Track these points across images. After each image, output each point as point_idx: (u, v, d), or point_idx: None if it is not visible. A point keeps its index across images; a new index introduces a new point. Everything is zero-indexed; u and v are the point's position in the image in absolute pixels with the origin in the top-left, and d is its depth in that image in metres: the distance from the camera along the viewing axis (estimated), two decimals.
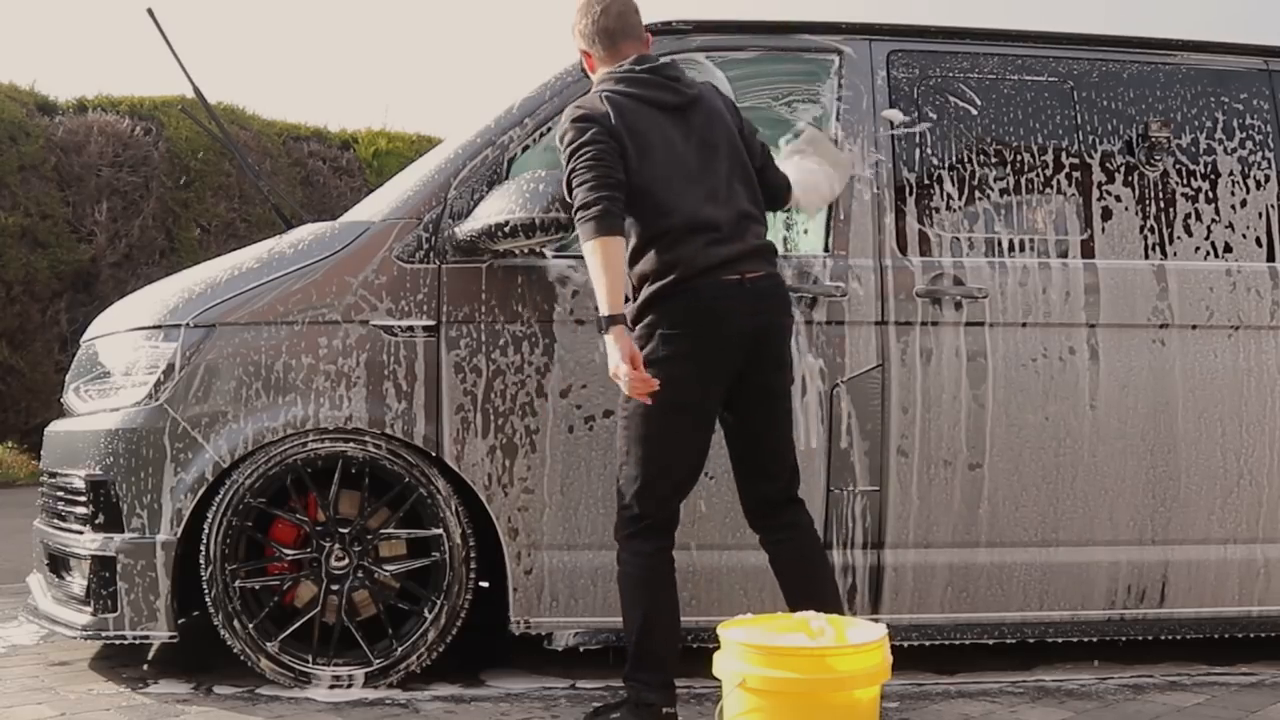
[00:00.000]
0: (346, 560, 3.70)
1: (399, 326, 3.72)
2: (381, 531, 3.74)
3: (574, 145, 3.18)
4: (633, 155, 3.19)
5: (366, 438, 3.69)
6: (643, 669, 3.22)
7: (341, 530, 3.70)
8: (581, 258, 3.74)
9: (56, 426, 4.05)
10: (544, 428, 3.74)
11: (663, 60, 3.40)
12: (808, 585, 3.31)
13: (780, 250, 3.87)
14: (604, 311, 3.11)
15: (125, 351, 3.81)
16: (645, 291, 3.21)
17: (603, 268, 3.11)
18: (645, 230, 3.22)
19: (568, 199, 3.21)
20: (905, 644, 3.78)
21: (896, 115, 3.96)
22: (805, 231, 3.97)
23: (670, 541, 3.29)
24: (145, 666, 3.94)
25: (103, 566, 3.66)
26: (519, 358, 3.74)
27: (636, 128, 3.21)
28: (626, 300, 3.18)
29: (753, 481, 3.39)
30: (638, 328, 3.21)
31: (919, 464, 3.84)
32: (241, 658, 3.68)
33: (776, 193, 3.52)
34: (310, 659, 3.67)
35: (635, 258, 3.23)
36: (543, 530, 3.74)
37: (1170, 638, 4.04)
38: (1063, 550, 3.91)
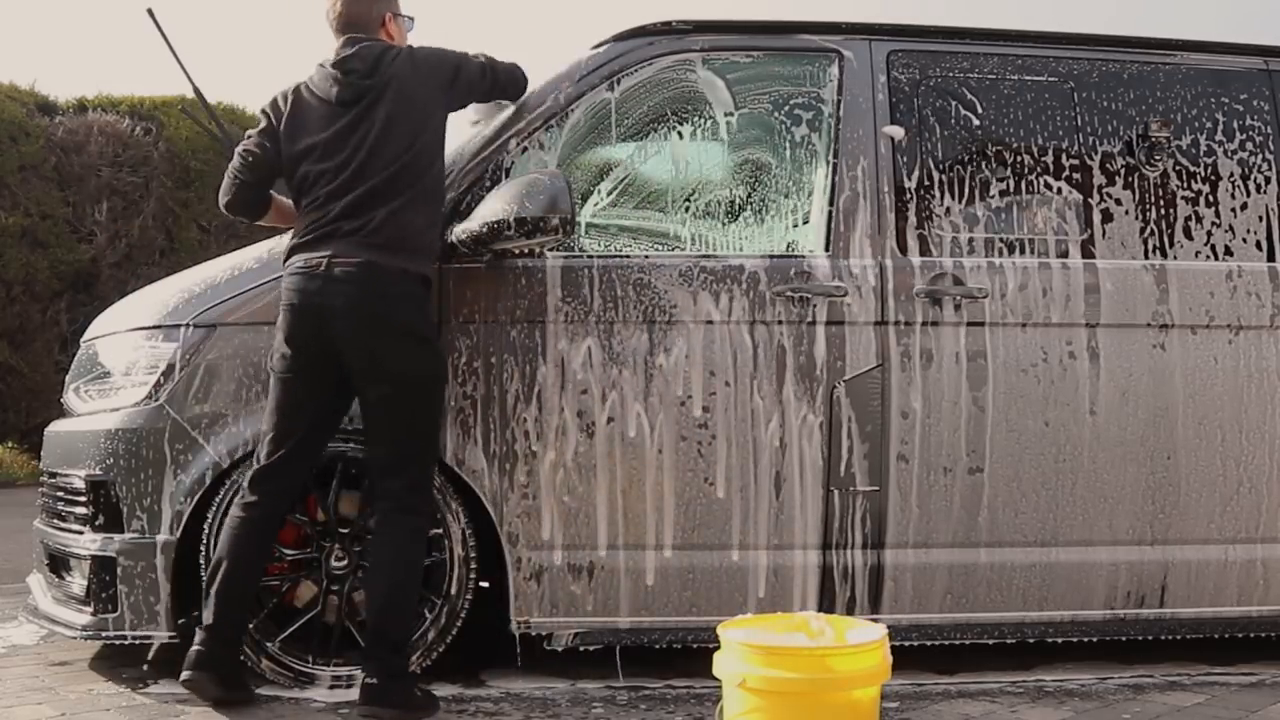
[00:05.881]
0: (347, 560, 3.70)
1: None
2: None
3: (250, 132, 3.67)
4: (289, 148, 3.53)
5: None
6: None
7: (342, 530, 3.70)
8: (583, 257, 3.78)
9: (56, 426, 4.05)
10: (545, 430, 3.74)
11: (353, 51, 3.53)
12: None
13: (782, 250, 3.90)
14: None
15: (125, 351, 3.82)
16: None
17: None
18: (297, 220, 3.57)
19: None
20: (905, 644, 3.78)
21: (897, 131, 3.94)
22: (796, 225, 3.96)
23: (270, 502, 3.44)
24: (145, 666, 3.93)
25: (103, 567, 3.66)
26: (520, 359, 3.73)
27: (297, 124, 3.53)
28: None
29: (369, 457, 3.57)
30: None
31: (918, 466, 3.84)
32: (241, 657, 3.68)
33: None
34: (310, 659, 3.67)
35: None
36: (543, 532, 3.73)
37: (1170, 638, 4.04)
38: (1062, 551, 3.91)
